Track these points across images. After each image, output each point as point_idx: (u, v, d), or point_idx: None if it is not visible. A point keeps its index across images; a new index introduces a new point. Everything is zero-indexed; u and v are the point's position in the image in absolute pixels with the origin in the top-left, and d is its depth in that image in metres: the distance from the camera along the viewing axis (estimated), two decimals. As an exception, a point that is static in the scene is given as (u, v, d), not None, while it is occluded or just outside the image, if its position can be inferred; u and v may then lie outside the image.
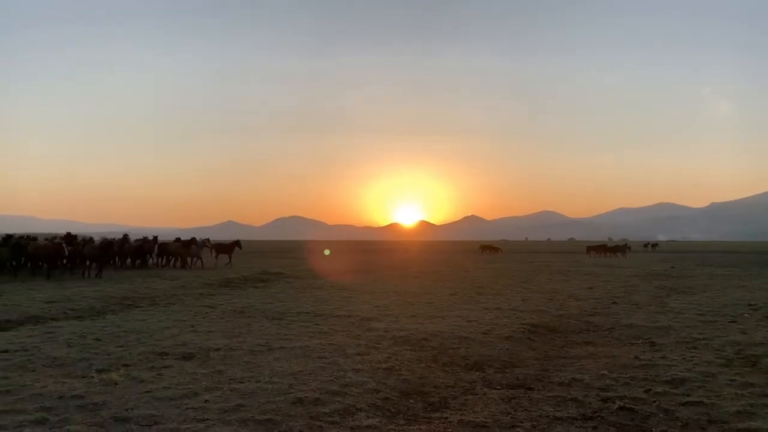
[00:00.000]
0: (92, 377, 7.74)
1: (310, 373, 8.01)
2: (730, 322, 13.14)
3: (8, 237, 27.19)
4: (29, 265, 25.45)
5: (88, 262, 25.07)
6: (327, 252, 35.12)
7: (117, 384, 7.41)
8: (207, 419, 6.09)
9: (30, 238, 28.98)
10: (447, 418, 6.49)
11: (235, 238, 38.99)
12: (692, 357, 9.45)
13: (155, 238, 33.53)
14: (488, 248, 68.07)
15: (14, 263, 24.63)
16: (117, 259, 30.11)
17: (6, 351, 9.29)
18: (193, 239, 33.52)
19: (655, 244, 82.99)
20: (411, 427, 6.17)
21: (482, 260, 48.04)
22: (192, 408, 6.44)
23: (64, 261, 25.66)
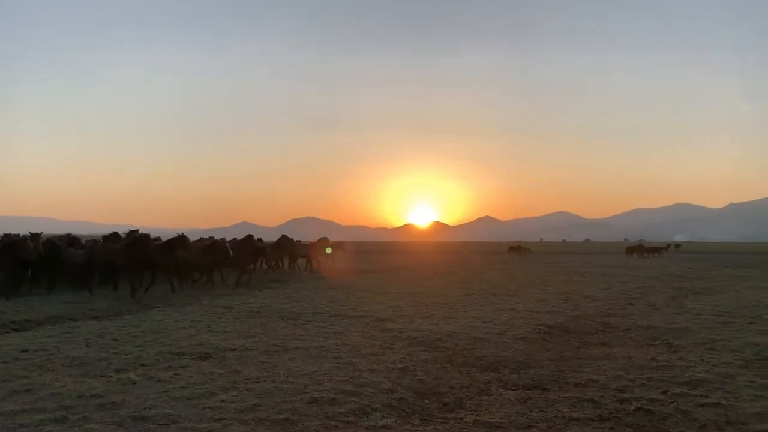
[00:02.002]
0: (111, 377, 7.84)
1: (325, 373, 8.04)
2: (748, 323, 12.98)
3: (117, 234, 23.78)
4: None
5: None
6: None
7: (135, 383, 7.49)
8: (224, 418, 6.14)
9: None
10: (462, 418, 6.49)
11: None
12: (710, 358, 9.34)
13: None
14: (517, 249, 66.83)
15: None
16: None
17: (26, 350, 9.45)
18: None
19: (678, 245, 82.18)
20: (426, 428, 6.17)
21: (497, 261, 47.86)
22: (209, 407, 6.51)
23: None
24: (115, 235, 24.23)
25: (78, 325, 12.23)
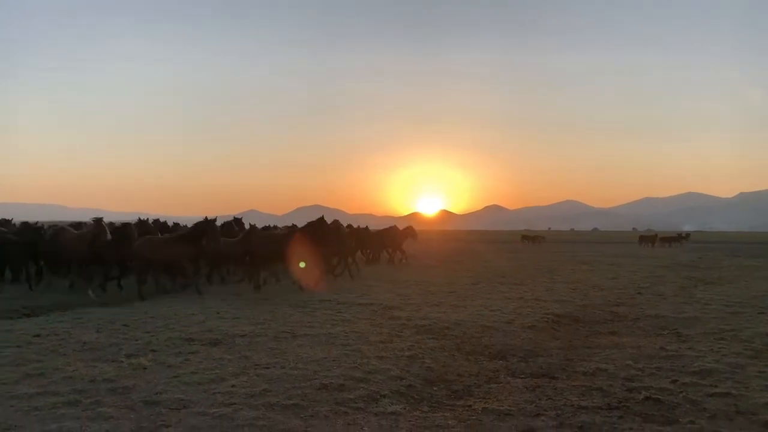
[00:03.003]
0: (122, 362, 7.91)
1: (334, 360, 8.08)
2: (759, 313, 12.92)
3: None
4: None
5: None
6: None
7: (146, 368, 7.56)
8: (234, 403, 6.20)
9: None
10: (471, 405, 6.51)
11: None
12: (720, 348, 9.31)
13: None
14: (530, 238, 66.53)
15: None
16: None
17: (38, 335, 9.54)
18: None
19: (687, 234, 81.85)
20: (435, 414, 6.20)
21: (504, 250, 47.79)
22: (219, 392, 6.56)
23: None
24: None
25: (88, 311, 12.32)
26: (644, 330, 11.26)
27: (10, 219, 23.21)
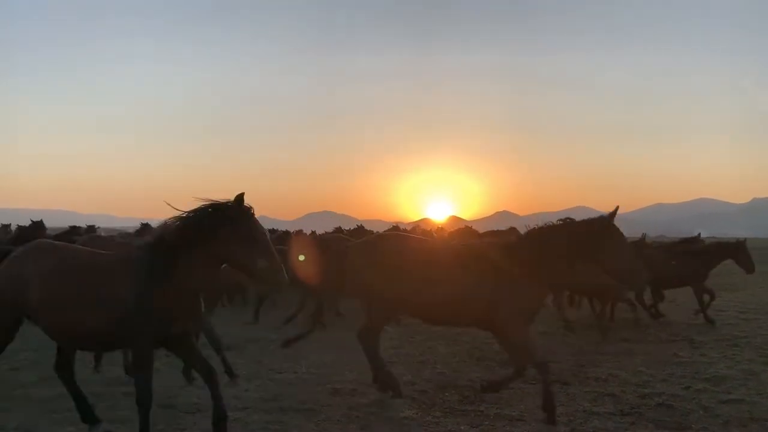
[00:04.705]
0: (136, 365, 7.99)
1: (346, 365, 8.14)
2: (773, 320, 12.82)
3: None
4: None
5: None
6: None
7: (160, 372, 7.62)
8: (248, 407, 6.27)
9: None
10: (483, 411, 6.52)
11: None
12: (733, 355, 9.26)
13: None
14: None
15: None
16: None
17: (53, 339, 9.65)
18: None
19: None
20: (447, 419, 6.22)
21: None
22: (233, 397, 6.62)
23: None
24: None
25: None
26: (656, 336, 11.20)
27: (94, 226, 20.16)
